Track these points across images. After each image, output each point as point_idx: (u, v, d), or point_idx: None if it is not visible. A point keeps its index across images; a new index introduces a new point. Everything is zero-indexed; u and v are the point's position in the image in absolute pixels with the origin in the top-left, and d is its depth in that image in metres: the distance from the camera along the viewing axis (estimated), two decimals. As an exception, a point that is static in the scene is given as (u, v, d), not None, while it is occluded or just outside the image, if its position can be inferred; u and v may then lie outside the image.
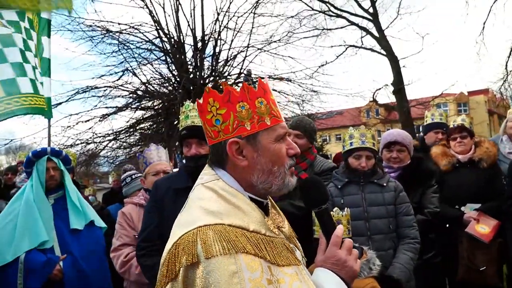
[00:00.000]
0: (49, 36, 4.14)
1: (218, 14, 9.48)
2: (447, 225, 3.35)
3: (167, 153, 3.05)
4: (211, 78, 9.90)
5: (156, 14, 9.45)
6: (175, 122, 9.21)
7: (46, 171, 2.87)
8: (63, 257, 2.70)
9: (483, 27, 12.43)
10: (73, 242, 2.78)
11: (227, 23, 9.65)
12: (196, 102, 2.38)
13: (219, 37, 9.68)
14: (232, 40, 9.75)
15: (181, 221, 1.08)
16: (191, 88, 9.35)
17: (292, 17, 11.00)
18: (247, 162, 1.12)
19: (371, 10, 13.53)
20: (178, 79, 9.71)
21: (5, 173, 5.90)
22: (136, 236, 2.66)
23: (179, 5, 9.40)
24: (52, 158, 2.94)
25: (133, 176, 3.80)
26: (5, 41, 3.60)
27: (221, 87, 1.15)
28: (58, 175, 2.95)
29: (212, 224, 1.00)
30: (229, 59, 9.92)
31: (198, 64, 9.80)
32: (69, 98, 9.41)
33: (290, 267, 1.06)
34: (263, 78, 1.19)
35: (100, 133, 9.81)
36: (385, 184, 2.79)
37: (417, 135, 4.33)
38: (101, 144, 9.98)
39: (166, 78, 10.11)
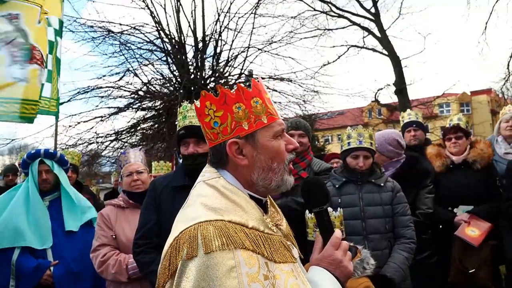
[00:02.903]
0: (61, 36, 4.20)
1: (219, 14, 9.52)
2: (440, 227, 3.34)
3: (142, 156, 3.06)
4: (212, 79, 9.93)
5: (157, 14, 9.50)
6: (176, 122, 9.23)
7: (39, 174, 2.85)
8: (55, 263, 2.69)
9: (485, 27, 12.42)
10: (66, 245, 2.77)
11: (228, 24, 9.69)
12: (194, 105, 2.42)
13: (220, 38, 9.71)
14: (232, 41, 9.78)
15: (183, 216, 1.11)
16: (192, 88, 9.38)
17: (293, 17, 11.01)
18: (247, 161, 1.14)
19: (373, 10, 13.54)
20: (179, 80, 9.75)
21: (5, 175, 5.87)
22: (114, 237, 2.68)
23: (180, 6, 9.45)
24: (45, 160, 2.89)
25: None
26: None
27: (221, 87, 1.17)
28: (52, 177, 2.91)
29: (212, 220, 1.02)
30: (230, 60, 9.94)
31: (199, 65, 9.83)
32: (71, 98, 9.47)
33: (287, 264, 1.09)
34: (263, 79, 1.21)
35: (101, 133, 9.86)
36: (382, 184, 2.80)
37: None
38: (102, 144, 10.03)
39: (167, 78, 10.15)
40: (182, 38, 9.65)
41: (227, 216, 1.04)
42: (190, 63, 9.89)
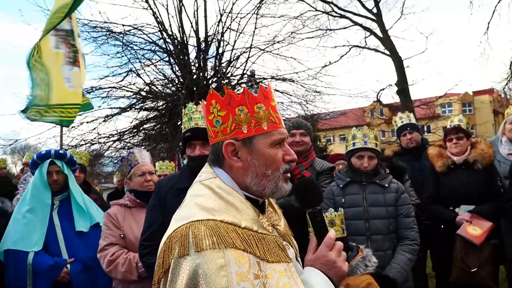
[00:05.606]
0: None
1: (221, 15, 9.52)
2: (442, 226, 3.36)
3: (150, 156, 3.12)
4: (214, 79, 9.94)
5: (160, 15, 9.51)
6: (179, 123, 9.25)
7: (49, 174, 2.88)
8: (71, 261, 2.73)
9: (488, 26, 12.43)
10: (79, 244, 2.81)
11: (230, 24, 9.69)
12: (200, 103, 2.43)
13: (222, 38, 9.73)
14: (235, 41, 9.79)
15: (178, 216, 1.14)
16: (195, 88, 9.40)
17: (295, 18, 11.02)
18: (241, 163, 1.16)
19: (374, 10, 13.56)
20: (181, 80, 9.77)
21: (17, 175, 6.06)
22: (122, 236, 2.70)
23: (183, 6, 9.46)
24: (55, 161, 2.93)
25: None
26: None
27: (228, 88, 1.18)
28: (62, 178, 2.94)
29: (204, 219, 1.05)
30: (232, 60, 9.95)
31: (201, 65, 9.84)
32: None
33: (280, 264, 1.10)
34: (265, 79, 1.21)
35: (104, 134, 9.88)
36: (386, 185, 2.81)
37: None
38: (105, 144, 10.04)
39: (169, 79, 10.16)
40: (185, 38, 9.68)
41: (220, 216, 1.06)
42: (192, 63, 9.91)
